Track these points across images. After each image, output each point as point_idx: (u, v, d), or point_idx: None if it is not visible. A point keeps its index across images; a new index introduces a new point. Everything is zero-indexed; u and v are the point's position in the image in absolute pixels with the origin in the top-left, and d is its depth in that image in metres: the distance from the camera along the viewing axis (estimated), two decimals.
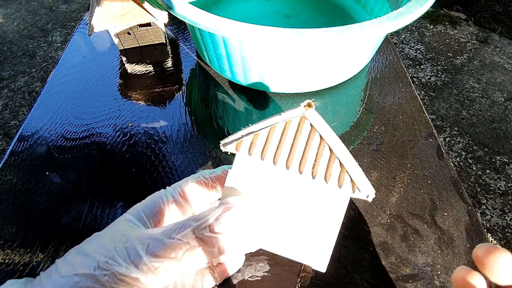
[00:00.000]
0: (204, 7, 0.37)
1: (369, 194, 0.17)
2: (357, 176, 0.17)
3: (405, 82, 0.41)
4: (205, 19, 0.29)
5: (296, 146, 0.17)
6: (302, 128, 0.18)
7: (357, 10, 0.48)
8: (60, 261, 0.16)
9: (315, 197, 0.18)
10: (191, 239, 0.15)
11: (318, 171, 0.17)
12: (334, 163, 0.17)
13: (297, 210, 0.18)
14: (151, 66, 0.43)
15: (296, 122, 0.18)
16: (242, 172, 0.18)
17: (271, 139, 0.18)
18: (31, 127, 0.36)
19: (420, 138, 0.35)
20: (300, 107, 0.17)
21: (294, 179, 0.18)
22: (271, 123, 0.18)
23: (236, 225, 0.16)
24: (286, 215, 0.18)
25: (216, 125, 0.36)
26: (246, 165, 0.18)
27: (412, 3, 0.31)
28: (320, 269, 0.18)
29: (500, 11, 1.74)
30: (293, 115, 0.17)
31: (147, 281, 0.15)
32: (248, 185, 0.18)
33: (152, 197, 0.20)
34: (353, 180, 0.17)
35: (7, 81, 1.47)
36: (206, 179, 0.21)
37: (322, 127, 0.17)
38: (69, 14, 1.85)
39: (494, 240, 0.96)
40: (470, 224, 0.29)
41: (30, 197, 0.30)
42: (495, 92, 1.35)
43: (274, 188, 0.18)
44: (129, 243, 0.16)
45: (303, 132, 0.18)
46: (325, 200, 0.18)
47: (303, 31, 0.28)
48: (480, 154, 1.16)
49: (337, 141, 0.17)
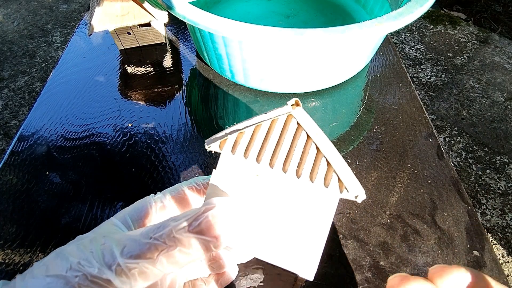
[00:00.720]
0: (204, 7, 0.37)
1: (358, 194, 0.16)
2: (345, 175, 0.16)
3: (405, 82, 0.41)
4: (205, 19, 0.29)
5: (281, 144, 0.17)
6: (288, 126, 0.17)
7: (357, 10, 0.48)
8: (37, 263, 0.15)
9: (302, 199, 0.17)
10: (168, 239, 0.15)
11: (303, 170, 0.16)
12: (321, 162, 0.17)
13: (283, 213, 0.17)
14: (151, 66, 0.43)
15: (282, 120, 0.17)
16: (226, 172, 0.17)
17: (255, 138, 0.17)
18: (31, 127, 0.36)
19: (420, 138, 0.35)
20: (287, 106, 0.17)
21: (279, 179, 0.17)
22: (256, 121, 0.17)
23: (217, 225, 0.15)
24: (272, 218, 0.17)
25: (216, 125, 0.36)
26: (230, 165, 0.17)
27: (412, 3, 0.31)
28: (307, 277, 0.17)
29: (500, 11, 1.74)
30: (279, 113, 0.17)
31: (120, 284, 0.14)
32: (232, 186, 0.17)
33: (140, 201, 0.20)
34: (340, 180, 0.16)
35: (7, 81, 1.47)
36: (198, 185, 0.21)
37: (309, 125, 0.17)
38: (69, 14, 1.85)
39: (494, 240, 0.96)
40: (470, 224, 0.29)
41: (30, 197, 0.30)
42: (495, 92, 1.35)
43: (259, 189, 0.17)
44: (106, 245, 0.15)
45: (289, 131, 0.17)
46: (312, 202, 0.17)
47: (303, 31, 0.28)
48: (480, 154, 1.16)
49: (324, 139, 0.17)
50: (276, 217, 0.17)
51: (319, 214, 0.17)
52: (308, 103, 0.39)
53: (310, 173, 0.17)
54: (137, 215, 0.19)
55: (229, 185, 0.17)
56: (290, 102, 0.17)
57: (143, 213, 0.19)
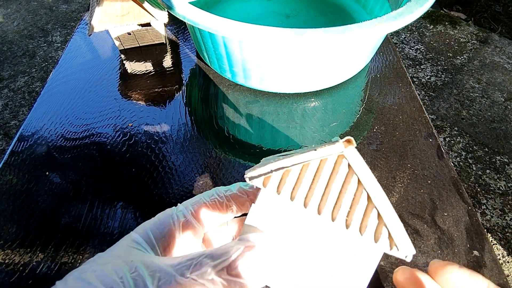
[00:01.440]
0: (204, 7, 0.37)
1: (407, 254, 0.15)
2: (396, 231, 0.15)
3: (405, 82, 0.41)
4: (205, 19, 0.29)
5: (331, 189, 0.16)
6: (339, 168, 0.16)
7: (357, 10, 0.48)
8: (60, 284, 0.15)
9: (345, 247, 0.16)
10: (207, 281, 0.14)
11: (353, 221, 0.15)
12: (372, 214, 0.15)
13: (323, 259, 0.16)
14: (151, 66, 0.43)
15: (332, 161, 0.16)
16: (267, 210, 0.16)
17: (303, 178, 0.16)
18: (31, 127, 0.36)
19: (420, 138, 0.35)
20: (338, 143, 0.16)
21: (324, 224, 0.16)
22: (304, 159, 0.16)
23: (258, 268, 0.14)
24: (311, 262, 0.16)
25: (216, 125, 0.36)
26: (272, 203, 0.16)
27: (412, 3, 0.31)
28: None
29: (500, 11, 1.74)
30: (330, 152, 0.16)
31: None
32: (272, 224, 0.16)
33: (162, 215, 0.19)
34: (391, 236, 0.15)
35: (7, 81, 1.47)
36: (221, 197, 0.20)
37: (361, 169, 0.16)
38: (69, 14, 1.85)
39: (494, 240, 0.96)
40: (470, 224, 0.29)
41: (30, 197, 0.30)
42: (495, 92, 1.35)
43: (301, 231, 0.16)
44: (137, 273, 0.14)
45: (340, 173, 0.16)
46: (356, 252, 0.16)
47: (303, 31, 0.28)
48: (480, 154, 1.16)
49: (377, 187, 0.16)
50: (315, 261, 0.16)
51: (361, 264, 0.16)
52: (308, 103, 0.39)
53: (359, 225, 0.16)
54: (160, 232, 0.18)
55: (268, 223, 0.17)
56: (342, 140, 0.16)
57: (166, 230, 0.18)
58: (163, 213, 0.19)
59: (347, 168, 0.16)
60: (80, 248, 0.27)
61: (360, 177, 0.16)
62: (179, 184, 0.31)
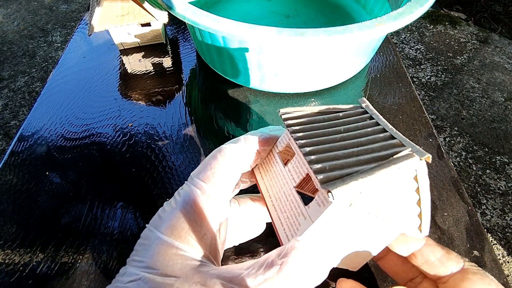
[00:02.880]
0: (204, 7, 0.37)
1: (426, 234, 0.19)
2: (426, 220, 0.18)
3: (405, 82, 0.41)
4: (205, 19, 0.29)
5: (398, 201, 0.17)
6: (409, 182, 0.17)
7: (357, 10, 0.48)
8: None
9: (374, 231, 0.18)
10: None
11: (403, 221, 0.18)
12: (415, 214, 0.18)
13: (354, 237, 0.18)
14: (151, 66, 0.43)
15: (408, 178, 0.16)
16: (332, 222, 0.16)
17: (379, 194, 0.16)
18: (31, 127, 0.36)
19: (420, 138, 0.35)
20: (415, 157, 0.15)
21: (369, 221, 0.17)
22: (382, 176, 0.15)
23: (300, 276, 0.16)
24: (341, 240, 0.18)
25: (216, 125, 0.36)
26: (340, 213, 0.16)
27: (412, 3, 0.31)
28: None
29: (500, 11, 1.74)
30: (406, 171, 0.16)
31: None
32: (325, 231, 0.17)
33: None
34: (421, 225, 0.18)
35: (7, 81, 1.47)
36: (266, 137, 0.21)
37: (425, 186, 0.17)
38: (69, 14, 1.85)
39: (494, 240, 0.96)
40: (470, 224, 0.29)
41: (30, 197, 0.30)
42: (495, 92, 1.35)
43: (341, 224, 0.17)
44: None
45: (408, 187, 0.17)
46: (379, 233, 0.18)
47: (304, 31, 0.28)
48: (480, 154, 1.16)
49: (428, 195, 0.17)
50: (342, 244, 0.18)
51: (380, 240, 0.19)
52: (308, 103, 0.39)
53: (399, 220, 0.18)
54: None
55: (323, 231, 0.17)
56: (424, 156, 0.15)
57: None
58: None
59: (415, 183, 0.17)
60: (80, 248, 0.27)
61: (420, 187, 0.17)
62: (179, 184, 0.31)
